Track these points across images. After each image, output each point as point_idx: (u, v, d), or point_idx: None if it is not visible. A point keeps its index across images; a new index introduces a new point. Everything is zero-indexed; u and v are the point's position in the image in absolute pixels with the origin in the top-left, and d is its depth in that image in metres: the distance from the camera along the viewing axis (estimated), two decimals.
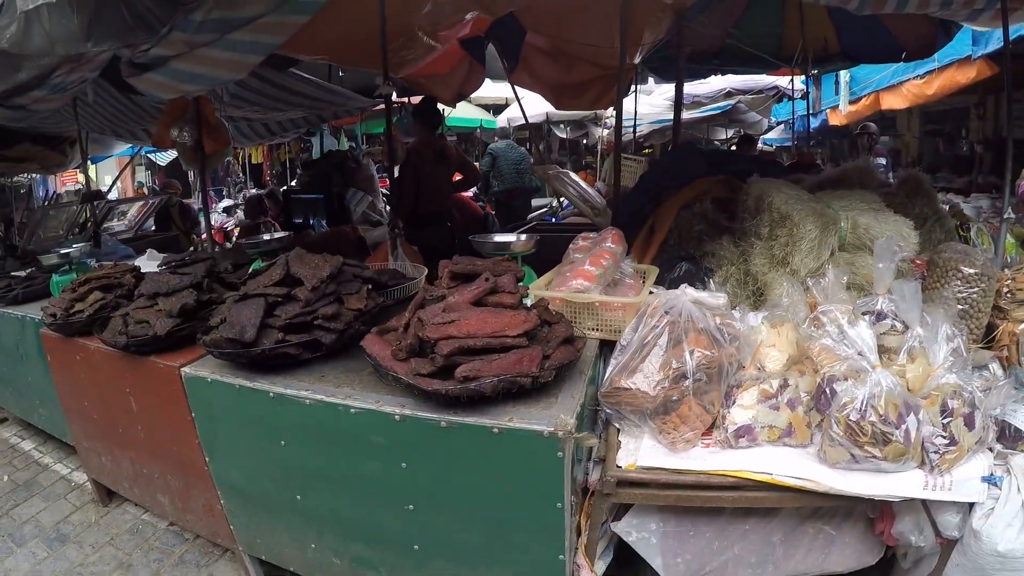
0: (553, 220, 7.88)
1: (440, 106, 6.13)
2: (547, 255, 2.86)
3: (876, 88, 10.32)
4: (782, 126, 15.26)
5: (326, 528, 2.32)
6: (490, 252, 2.72)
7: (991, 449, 2.11)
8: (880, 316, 2.26)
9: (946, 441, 1.98)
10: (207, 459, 2.46)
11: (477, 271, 2.11)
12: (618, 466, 1.98)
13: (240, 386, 2.16)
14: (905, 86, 9.61)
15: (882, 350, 2.19)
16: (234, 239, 9.01)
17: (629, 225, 3.39)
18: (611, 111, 10.60)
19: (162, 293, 2.58)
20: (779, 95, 10.92)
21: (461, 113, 10.73)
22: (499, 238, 2.94)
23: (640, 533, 2.13)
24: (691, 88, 10.36)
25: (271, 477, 2.33)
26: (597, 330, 2.38)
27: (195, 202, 10.58)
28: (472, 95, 9.42)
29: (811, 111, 11.22)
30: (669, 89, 10.19)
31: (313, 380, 2.12)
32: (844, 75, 10.84)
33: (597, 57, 5.84)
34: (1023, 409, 2.16)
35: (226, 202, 13.12)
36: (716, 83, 10.45)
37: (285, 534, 2.45)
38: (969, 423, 2.02)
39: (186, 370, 2.33)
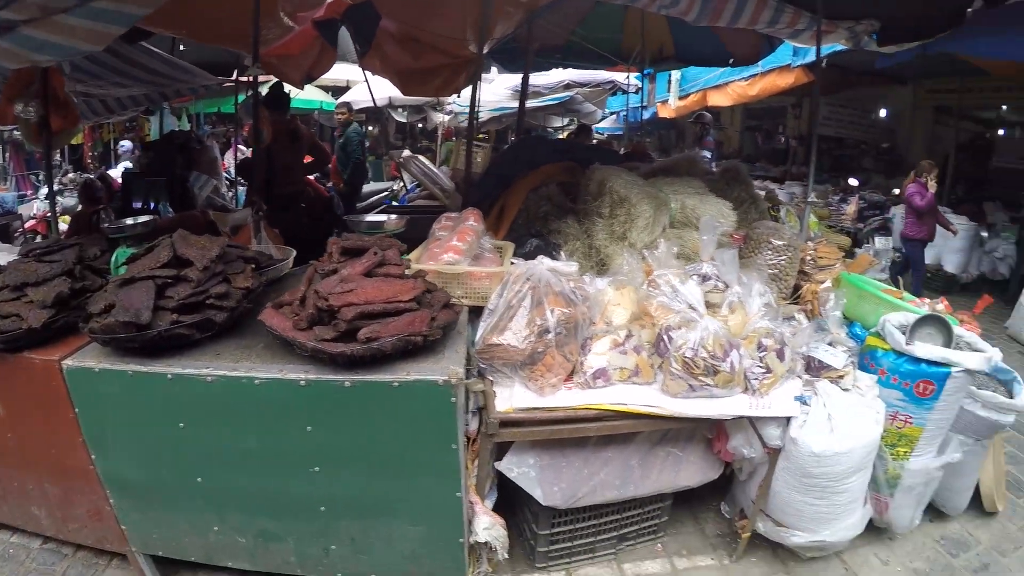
0: (394, 203, 8.18)
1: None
2: (402, 234, 3.01)
3: (704, 87, 11.70)
4: (615, 116, 16.76)
5: (230, 507, 2.39)
6: (364, 231, 2.94)
7: (800, 377, 2.81)
8: (705, 278, 2.90)
9: (763, 370, 2.66)
10: (93, 458, 2.36)
11: (366, 246, 2.39)
12: (497, 410, 2.38)
13: (133, 372, 2.15)
14: (730, 86, 10.94)
15: (708, 304, 2.80)
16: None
17: (480, 206, 3.74)
18: (452, 97, 11.32)
19: (31, 283, 2.43)
20: (614, 89, 11.76)
21: (301, 94, 10.68)
22: (372, 218, 3.16)
23: (520, 468, 2.57)
24: (532, 79, 10.81)
25: (169, 464, 2.33)
26: (466, 298, 2.76)
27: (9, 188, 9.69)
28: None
29: (644, 105, 12.35)
30: (510, 79, 11.05)
31: (210, 358, 2.19)
32: (675, 73, 12.07)
33: (447, 46, 6.05)
34: (822, 347, 2.93)
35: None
36: (556, 75, 11.16)
37: (185, 523, 2.47)
38: (780, 356, 2.71)
39: (68, 362, 2.22)
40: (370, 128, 14.90)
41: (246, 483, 2.31)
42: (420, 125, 15.00)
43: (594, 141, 11.55)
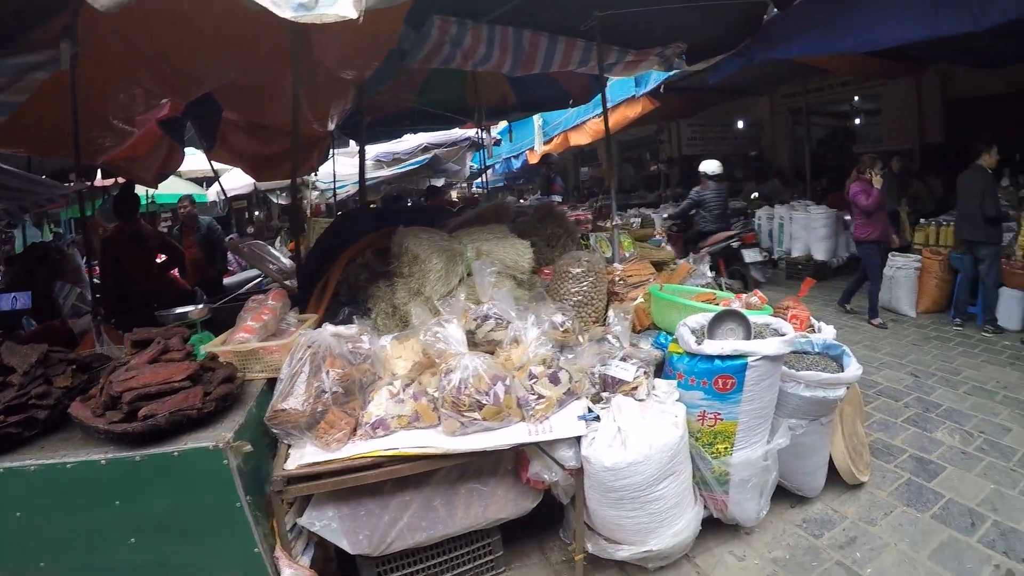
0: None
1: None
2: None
3: (565, 128, 13.00)
4: (491, 170, 18.30)
5: None
6: (172, 322, 3.45)
7: (602, 395, 3.18)
8: (486, 318, 3.29)
9: (535, 397, 2.99)
10: None
11: (151, 337, 2.88)
12: (285, 468, 2.75)
13: None
14: (587, 124, 12.21)
15: (493, 342, 3.23)
16: None
17: (311, 283, 4.26)
18: (317, 176, 12.15)
19: None
20: (472, 144, 12.67)
21: (170, 189, 11.14)
22: (179, 310, 3.67)
23: (322, 521, 2.87)
24: (390, 147, 12.26)
25: (15, 553, 2.60)
26: (263, 371, 3.16)
27: None
28: (181, 169, 9.83)
29: (515, 155, 14.92)
30: (372, 149, 11.94)
31: (35, 452, 2.56)
32: (538, 119, 13.45)
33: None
34: (615, 363, 3.26)
35: None
36: (413, 140, 12.28)
37: None
38: (554, 380, 3.06)
39: None
40: (257, 213, 15.88)
41: (84, 560, 2.61)
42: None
43: (445, 199, 12.35)
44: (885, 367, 5.99)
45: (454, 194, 19.53)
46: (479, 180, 18.79)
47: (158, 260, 6.70)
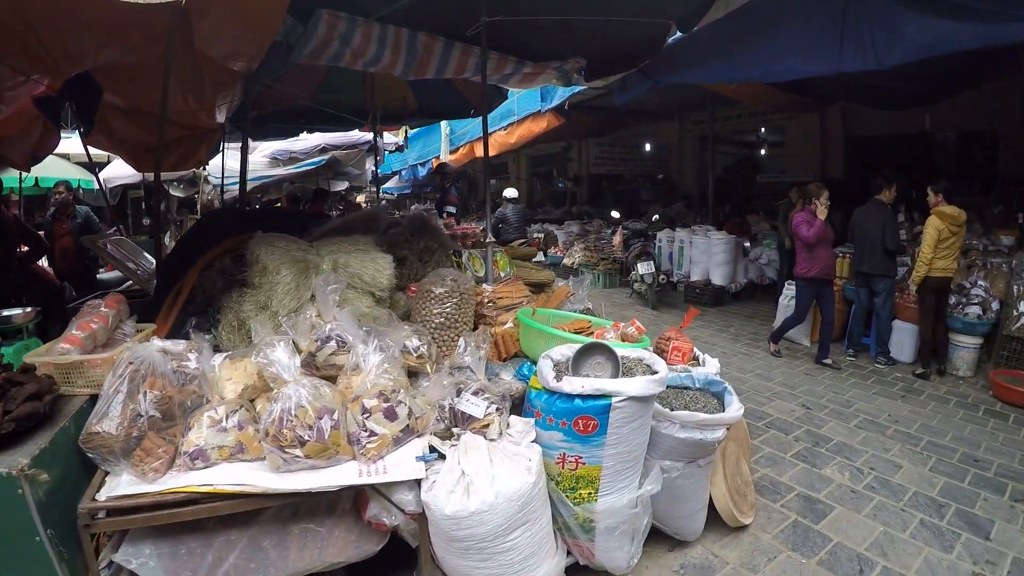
0: None
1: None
2: None
3: (471, 139, 13.11)
4: (397, 176, 19.45)
5: None
6: None
7: (452, 430, 2.93)
8: (327, 339, 3.05)
9: (367, 434, 2.74)
10: None
11: None
12: (95, 499, 2.50)
13: None
14: (492, 136, 11.77)
15: (335, 367, 3.00)
16: None
17: (167, 287, 3.99)
18: (209, 169, 11.84)
19: None
20: (372, 148, 12.23)
21: (55, 172, 10.64)
22: (4, 313, 3.45)
23: (139, 559, 2.61)
24: (288, 144, 12.09)
25: None
26: (87, 387, 2.90)
27: None
28: (71, 152, 9.68)
29: (420, 163, 15.14)
30: (268, 146, 12.04)
31: None
32: (445, 127, 13.59)
33: (182, 117, 6.24)
34: (467, 396, 2.97)
35: None
36: (312, 139, 12.10)
37: None
38: (390, 416, 2.81)
39: None
40: (162, 206, 14.96)
41: None
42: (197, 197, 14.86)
43: (326, 204, 12.24)
44: (777, 397, 6.04)
45: (361, 198, 19.53)
46: (387, 185, 19.61)
47: (23, 250, 6.34)
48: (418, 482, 2.76)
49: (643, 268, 10.22)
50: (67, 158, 11.64)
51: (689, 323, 4.31)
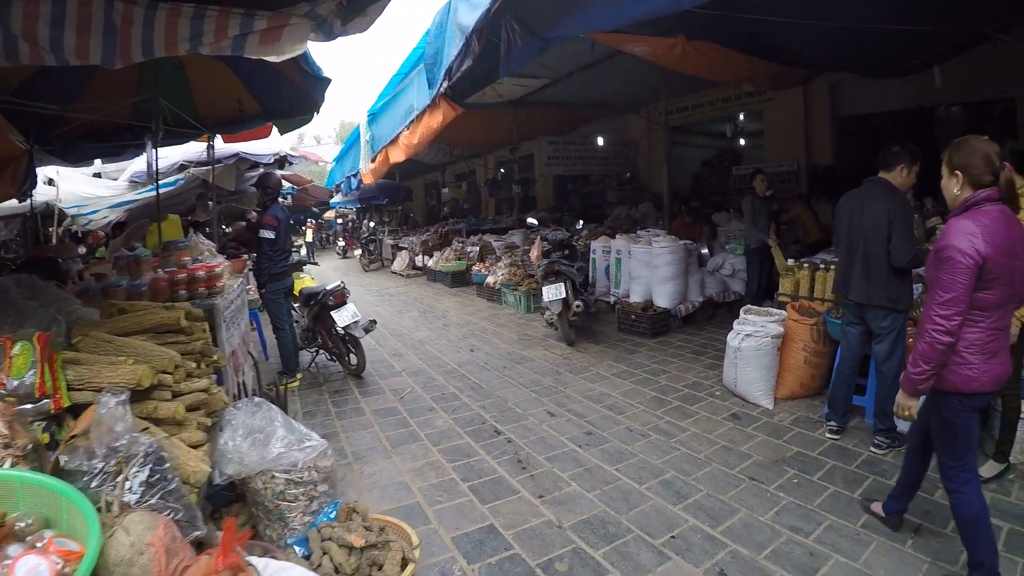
0: None
1: None
2: None
3: (385, 144, 10.90)
4: (338, 193, 18.73)
5: None
6: None
7: None
8: None
9: None
10: None
11: None
12: None
13: None
14: (400, 138, 10.04)
15: None
16: None
17: None
18: (60, 200, 10.39)
19: None
20: (253, 163, 10.85)
21: None
22: None
23: None
24: (141, 165, 10.27)
25: None
26: None
27: None
28: None
29: (352, 174, 14.17)
30: (126, 168, 10.96)
31: None
32: (365, 134, 11.49)
33: None
34: None
35: None
36: (172, 156, 10.23)
37: None
38: None
39: None
40: None
41: None
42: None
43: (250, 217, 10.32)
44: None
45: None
46: (336, 200, 20.49)
47: None
48: None
49: (549, 293, 7.62)
50: None
51: (231, 544, 2.06)
